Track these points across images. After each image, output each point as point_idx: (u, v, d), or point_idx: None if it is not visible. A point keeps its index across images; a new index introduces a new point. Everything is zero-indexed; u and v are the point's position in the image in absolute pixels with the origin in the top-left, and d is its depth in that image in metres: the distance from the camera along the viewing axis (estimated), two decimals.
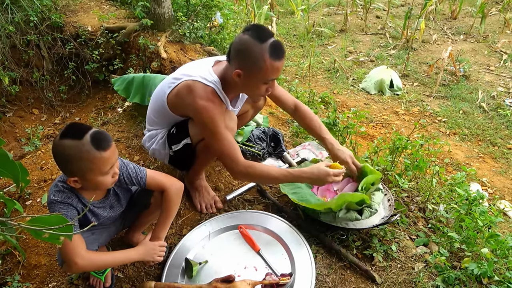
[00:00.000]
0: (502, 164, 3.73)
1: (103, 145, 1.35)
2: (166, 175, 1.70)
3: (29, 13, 3.63)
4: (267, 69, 1.63)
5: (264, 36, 1.61)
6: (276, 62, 1.63)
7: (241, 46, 1.64)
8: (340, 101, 4.71)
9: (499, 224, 2.63)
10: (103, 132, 1.38)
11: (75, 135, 1.32)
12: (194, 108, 1.72)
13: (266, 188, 2.30)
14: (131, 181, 1.60)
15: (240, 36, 1.65)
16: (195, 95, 1.71)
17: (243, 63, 1.65)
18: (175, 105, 1.83)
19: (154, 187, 1.66)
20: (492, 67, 5.58)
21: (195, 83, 1.73)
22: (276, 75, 1.69)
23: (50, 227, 0.71)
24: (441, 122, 4.38)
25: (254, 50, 1.60)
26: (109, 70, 3.87)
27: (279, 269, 1.74)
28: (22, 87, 3.80)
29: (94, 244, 1.60)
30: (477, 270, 1.71)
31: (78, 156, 1.32)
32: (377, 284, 1.77)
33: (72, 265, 1.40)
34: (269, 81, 1.71)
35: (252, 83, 1.71)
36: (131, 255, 1.61)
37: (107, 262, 1.57)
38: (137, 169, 1.61)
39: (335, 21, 7.48)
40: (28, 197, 2.34)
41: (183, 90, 1.77)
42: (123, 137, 2.74)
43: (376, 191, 2.05)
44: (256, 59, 1.61)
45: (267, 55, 1.60)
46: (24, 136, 3.52)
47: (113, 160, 1.41)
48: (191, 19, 3.73)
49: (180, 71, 1.88)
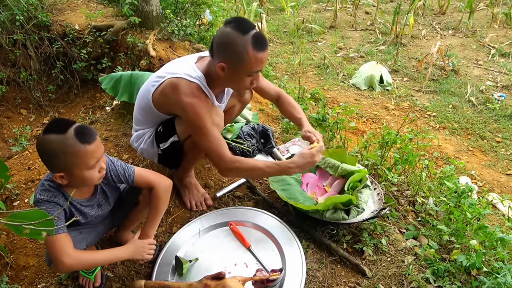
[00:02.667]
0: (491, 157, 3.77)
1: (87, 139, 1.33)
2: (154, 173, 1.69)
3: (15, 12, 3.58)
4: (251, 61, 1.62)
5: (246, 28, 1.60)
6: (259, 54, 1.62)
7: (223, 39, 1.63)
8: (331, 97, 4.72)
9: (488, 216, 2.65)
10: (87, 126, 1.38)
11: (59, 130, 1.31)
12: (180, 105, 1.71)
13: (256, 184, 2.29)
14: (118, 178, 1.58)
15: (222, 29, 1.64)
16: (180, 92, 1.70)
17: (226, 56, 1.64)
18: (161, 103, 1.82)
19: (142, 185, 1.65)
20: (481, 62, 5.62)
21: (180, 80, 1.72)
22: (260, 67, 1.67)
23: (31, 222, 0.70)
24: (431, 116, 4.41)
25: (236, 43, 1.59)
26: (97, 69, 3.83)
27: (269, 265, 1.74)
28: (9, 87, 3.75)
29: (82, 243, 1.58)
30: (466, 261, 1.73)
31: (63, 150, 1.31)
32: (368, 277, 1.77)
33: (60, 264, 1.38)
34: (254, 73, 1.70)
35: (237, 76, 1.70)
36: (120, 253, 1.59)
37: (96, 261, 1.55)
38: (124, 166, 1.60)
39: (324, 18, 7.49)
40: (16, 198, 2.32)
41: (167, 88, 1.75)
42: (111, 136, 2.71)
43: (364, 188, 2.06)
44: (239, 52, 1.60)
45: (250, 47, 1.59)
46: (12, 137, 3.47)
47: (99, 154, 1.40)
48: (180, 17, 3.71)
49: (163, 69, 1.86)
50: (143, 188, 1.68)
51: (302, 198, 2.04)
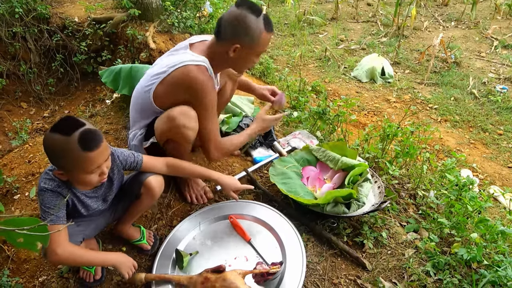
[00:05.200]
0: (492, 150, 3.75)
1: (90, 146, 1.32)
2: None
3: (14, 4, 3.56)
4: (263, 41, 1.71)
5: (257, 10, 1.67)
6: (269, 34, 1.72)
7: (239, 21, 1.66)
8: (332, 89, 4.70)
9: (489, 209, 2.65)
10: (93, 131, 1.35)
11: (65, 131, 1.30)
12: (194, 87, 1.72)
13: (256, 177, 2.29)
14: (125, 160, 1.63)
15: (234, 12, 1.67)
16: (193, 74, 1.71)
17: (241, 37, 1.68)
18: (167, 94, 1.78)
19: (149, 168, 1.70)
20: (483, 54, 5.58)
21: (188, 66, 1.71)
22: (266, 47, 1.80)
23: (24, 228, 0.65)
24: (433, 109, 4.39)
25: (252, 24, 1.65)
26: (97, 61, 3.82)
27: (269, 258, 1.74)
28: (9, 80, 3.74)
29: (79, 236, 1.58)
30: (467, 255, 1.73)
31: (64, 152, 1.31)
32: (368, 270, 1.78)
33: (53, 255, 1.39)
34: (260, 53, 1.80)
35: (248, 56, 1.77)
36: (111, 259, 1.60)
37: (87, 260, 1.55)
38: (132, 152, 1.67)
39: (326, 9, 7.44)
40: (16, 191, 2.31)
41: (178, 76, 1.73)
42: (111, 129, 2.71)
43: (364, 182, 2.06)
44: (255, 32, 1.67)
45: (263, 29, 1.67)
46: (12, 130, 3.47)
47: (100, 161, 1.39)
48: (180, 9, 3.69)
49: (160, 64, 1.82)
50: (145, 181, 1.68)
51: (302, 192, 2.03)
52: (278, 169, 2.20)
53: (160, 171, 1.73)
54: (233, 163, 2.36)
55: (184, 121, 1.73)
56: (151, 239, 1.90)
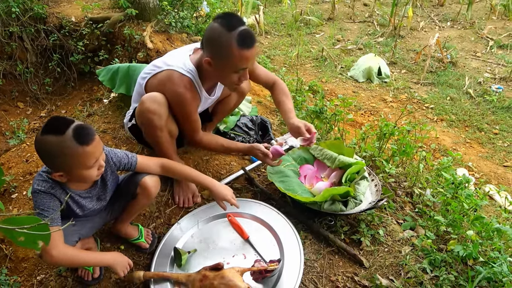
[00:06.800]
0: (488, 149, 3.78)
1: (85, 140, 1.32)
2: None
3: (10, 3, 3.55)
4: (236, 58, 1.62)
5: (232, 24, 1.60)
6: (244, 51, 1.61)
7: (210, 35, 1.66)
8: (329, 89, 4.72)
9: (485, 207, 2.67)
10: (85, 125, 1.35)
11: (57, 131, 1.29)
12: (171, 95, 1.79)
13: (254, 176, 2.30)
14: (119, 161, 1.62)
15: (211, 24, 1.65)
16: (173, 83, 1.77)
17: (212, 51, 1.67)
18: (154, 89, 1.85)
19: (143, 169, 1.69)
20: (479, 53, 5.62)
21: (173, 72, 1.78)
22: (246, 64, 1.68)
23: (24, 227, 0.65)
24: (429, 108, 4.42)
25: (221, 39, 1.60)
26: (94, 61, 3.81)
27: (267, 256, 1.74)
28: (6, 80, 3.73)
29: (74, 236, 1.57)
30: (463, 252, 1.74)
31: (61, 152, 1.30)
32: (365, 268, 1.79)
33: (48, 257, 1.38)
34: (240, 70, 1.71)
35: (222, 72, 1.73)
36: (107, 259, 1.60)
37: (82, 261, 1.55)
38: (126, 153, 1.65)
39: (322, 9, 7.46)
40: (14, 190, 2.31)
41: (163, 78, 1.81)
42: (109, 128, 2.71)
43: (361, 180, 2.07)
44: (224, 48, 1.61)
45: (235, 44, 1.59)
46: (9, 130, 3.46)
47: (97, 154, 1.39)
48: (177, 8, 3.69)
49: (162, 58, 1.92)
50: (141, 182, 1.69)
51: (300, 190, 2.04)
52: (276, 168, 2.21)
53: (154, 172, 1.72)
54: (231, 162, 2.37)
55: (149, 105, 1.77)
56: (149, 237, 1.90)
